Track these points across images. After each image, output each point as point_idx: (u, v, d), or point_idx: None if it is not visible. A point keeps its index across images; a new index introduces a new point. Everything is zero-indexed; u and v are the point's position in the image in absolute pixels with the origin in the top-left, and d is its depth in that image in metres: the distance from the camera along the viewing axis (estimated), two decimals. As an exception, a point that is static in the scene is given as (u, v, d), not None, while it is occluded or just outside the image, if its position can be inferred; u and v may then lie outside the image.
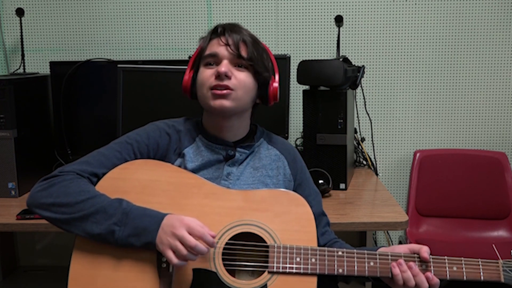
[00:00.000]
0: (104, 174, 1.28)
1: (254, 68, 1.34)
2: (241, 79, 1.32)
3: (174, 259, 1.13)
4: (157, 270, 1.19)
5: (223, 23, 1.37)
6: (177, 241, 1.13)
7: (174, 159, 1.35)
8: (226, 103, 1.31)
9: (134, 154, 1.33)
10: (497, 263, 1.21)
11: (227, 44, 1.31)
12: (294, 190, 1.41)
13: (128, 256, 1.20)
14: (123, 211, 1.18)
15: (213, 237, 1.16)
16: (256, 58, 1.33)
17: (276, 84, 1.39)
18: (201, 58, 1.36)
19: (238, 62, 1.32)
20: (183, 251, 1.13)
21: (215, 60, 1.33)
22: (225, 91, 1.30)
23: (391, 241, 2.68)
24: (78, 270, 1.20)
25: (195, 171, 1.33)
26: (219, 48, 1.32)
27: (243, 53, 1.31)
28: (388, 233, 2.67)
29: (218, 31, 1.35)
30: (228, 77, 1.30)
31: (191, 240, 1.13)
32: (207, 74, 1.33)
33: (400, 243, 2.68)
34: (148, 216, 1.18)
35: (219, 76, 1.30)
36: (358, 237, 2.43)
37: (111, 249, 1.20)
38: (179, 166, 1.33)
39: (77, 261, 1.21)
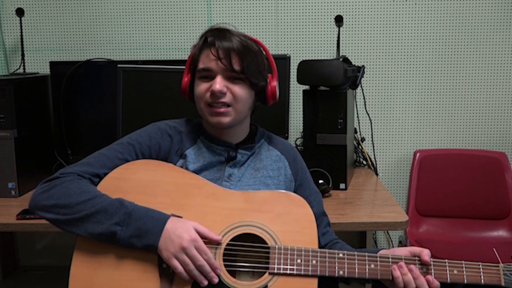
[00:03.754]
0: (105, 174, 1.28)
1: (249, 80, 1.32)
2: (237, 93, 1.30)
3: (180, 268, 1.16)
4: (158, 270, 1.19)
5: (213, 29, 1.35)
6: (185, 255, 1.15)
7: (175, 160, 1.35)
8: (224, 119, 1.31)
9: (136, 154, 1.33)
10: (498, 266, 1.21)
11: (218, 58, 1.28)
12: (294, 191, 1.42)
13: (129, 256, 1.20)
14: (126, 211, 1.18)
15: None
16: (249, 68, 1.30)
17: (274, 84, 1.38)
18: (195, 69, 1.34)
19: (231, 75, 1.30)
20: (191, 266, 1.15)
21: (209, 74, 1.31)
22: (222, 109, 1.30)
23: (391, 241, 2.68)
24: (79, 269, 1.20)
25: (196, 172, 1.33)
26: (211, 62, 1.30)
27: (236, 65, 1.29)
28: (388, 233, 2.67)
29: (208, 41, 1.31)
30: (223, 93, 1.29)
31: (200, 259, 1.16)
32: (202, 88, 1.32)
33: (400, 243, 2.68)
34: (151, 217, 1.18)
35: (213, 93, 1.29)
36: (358, 237, 2.43)
37: (112, 249, 1.20)
38: (181, 167, 1.33)
39: (78, 260, 1.21)
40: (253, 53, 1.33)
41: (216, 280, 1.17)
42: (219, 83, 1.28)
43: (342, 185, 2.11)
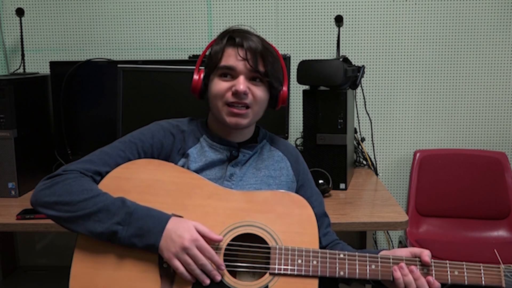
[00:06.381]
0: (107, 172, 1.28)
1: (270, 83, 1.33)
2: (258, 95, 1.31)
3: (181, 268, 1.15)
4: (158, 270, 1.19)
5: (236, 29, 1.35)
6: (186, 255, 1.15)
7: (177, 159, 1.35)
8: (242, 121, 1.32)
9: (138, 153, 1.32)
10: (499, 268, 1.21)
11: (245, 59, 1.29)
12: (296, 191, 1.42)
13: (129, 256, 1.19)
14: (127, 211, 1.18)
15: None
16: (272, 72, 1.32)
17: (285, 89, 1.39)
18: (215, 66, 1.33)
19: (254, 76, 1.31)
20: (193, 266, 1.15)
21: (231, 73, 1.31)
22: (243, 111, 1.30)
23: (391, 241, 2.68)
24: (79, 268, 1.20)
25: (198, 171, 1.32)
26: (236, 62, 1.30)
27: (261, 68, 1.30)
28: (388, 233, 2.67)
29: (235, 41, 1.31)
30: (246, 94, 1.29)
31: (202, 258, 1.15)
32: (222, 87, 1.31)
33: (400, 243, 2.68)
34: (152, 217, 1.18)
35: (237, 93, 1.29)
36: (358, 237, 2.43)
37: (112, 248, 1.20)
38: (183, 166, 1.33)
39: (79, 259, 1.21)
40: (273, 56, 1.35)
41: (219, 278, 1.17)
42: (243, 84, 1.29)
43: (342, 185, 2.11)
